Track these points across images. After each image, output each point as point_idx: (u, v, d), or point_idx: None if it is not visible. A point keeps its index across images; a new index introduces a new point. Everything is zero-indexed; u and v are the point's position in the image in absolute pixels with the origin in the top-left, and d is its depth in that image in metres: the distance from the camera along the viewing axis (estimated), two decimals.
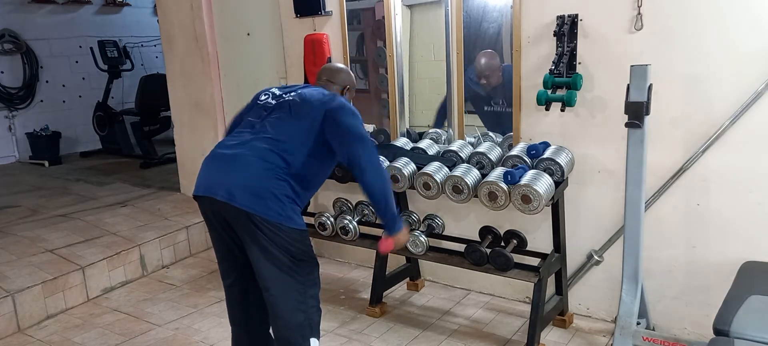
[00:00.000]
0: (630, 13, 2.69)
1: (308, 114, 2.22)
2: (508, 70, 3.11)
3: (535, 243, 3.10)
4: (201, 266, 4.18)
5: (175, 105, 5.04)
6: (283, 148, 2.16)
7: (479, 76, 3.28)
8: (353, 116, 2.23)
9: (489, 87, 3.30)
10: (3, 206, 5.00)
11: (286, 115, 2.24)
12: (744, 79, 2.50)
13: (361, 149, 2.16)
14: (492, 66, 3.26)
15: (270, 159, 2.13)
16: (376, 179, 2.18)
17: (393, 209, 2.24)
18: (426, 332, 3.11)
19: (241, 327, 2.41)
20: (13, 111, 7.14)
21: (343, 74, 2.52)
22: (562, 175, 2.77)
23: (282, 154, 2.15)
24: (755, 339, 1.92)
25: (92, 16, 7.88)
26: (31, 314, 3.38)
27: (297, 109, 2.24)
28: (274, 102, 2.32)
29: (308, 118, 2.21)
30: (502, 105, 3.24)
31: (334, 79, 2.48)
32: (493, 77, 3.27)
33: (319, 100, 2.26)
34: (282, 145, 2.17)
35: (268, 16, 4.18)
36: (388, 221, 2.24)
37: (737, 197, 2.62)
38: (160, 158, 6.62)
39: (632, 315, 2.54)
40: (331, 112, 2.21)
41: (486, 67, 3.26)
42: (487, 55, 3.26)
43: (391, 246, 2.29)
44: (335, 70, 2.54)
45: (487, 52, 3.25)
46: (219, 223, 2.22)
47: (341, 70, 2.54)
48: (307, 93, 2.30)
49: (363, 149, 2.17)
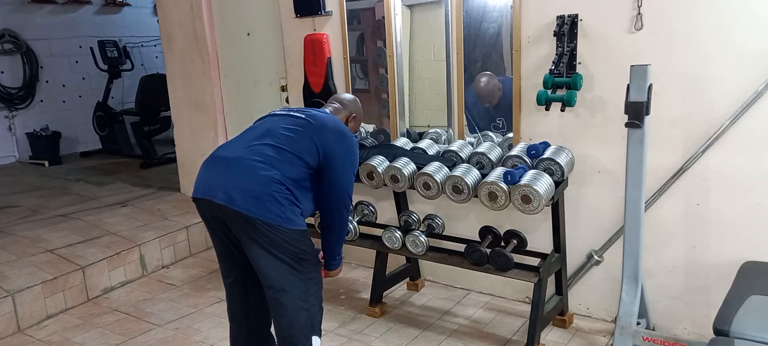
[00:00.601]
0: (630, 13, 2.69)
1: (317, 136, 2.24)
2: (508, 87, 3.12)
3: (535, 243, 3.10)
4: (201, 266, 4.18)
5: (175, 105, 5.04)
6: (286, 157, 2.17)
7: (479, 97, 3.30)
8: (352, 167, 2.33)
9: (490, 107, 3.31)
10: (3, 206, 5.00)
11: (294, 128, 2.25)
12: (744, 79, 2.50)
13: (341, 206, 2.30)
14: (491, 86, 3.28)
15: (270, 163, 2.13)
16: (337, 234, 2.39)
17: (338, 253, 2.44)
18: (426, 332, 3.11)
19: (241, 325, 2.41)
20: (13, 111, 7.14)
21: (352, 104, 2.60)
22: (562, 175, 2.77)
23: (284, 162, 2.15)
24: (755, 339, 1.92)
25: (92, 16, 7.88)
26: (31, 314, 3.38)
27: (307, 127, 2.27)
28: (284, 113, 2.37)
29: (316, 140, 2.23)
30: (504, 127, 3.26)
31: (342, 105, 2.57)
32: (493, 98, 3.29)
33: (332, 128, 2.31)
34: (285, 155, 2.17)
35: (268, 16, 4.18)
36: (329, 260, 2.43)
37: (737, 197, 2.62)
38: (160, 158, 6.62)
39: (632, 315, 2.54)
40: (337, 153, 2.26)
41: (485, 88, 3.28)
42: (486, 75, 3.28)
43: (324, 276, 2.44)
44: (344, 98, 2.63)
45: (486, 74, 3.27)
46: (218, 225, 2.22)
47: (351, 100, 2.63)
48: (319, 116, 2.35)
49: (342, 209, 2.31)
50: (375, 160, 3.19)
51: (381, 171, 3.14)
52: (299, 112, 2.37)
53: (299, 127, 2.26)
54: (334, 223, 2.33)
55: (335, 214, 2.31)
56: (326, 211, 2.31)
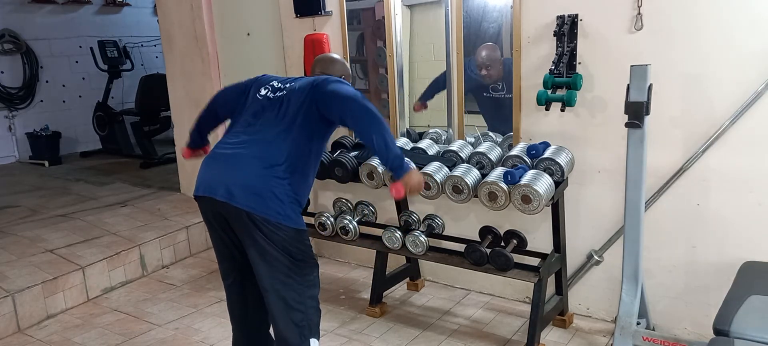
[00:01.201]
0: (630, 13, 2.69)
1: (298, 100, 2.22)
2: (509, 64, 3.11)
3: (535, 243, 3.10)
4: (201, 266, 4.18)
5: (175, 105, 5.04)
6: (279, 144, 2.16)
7: (480, 67, 3.27)
8: (339, 82, 2.23)
9: (490, 79, 3.28)
10: (3, 206, 5.00)
11: (283, 111, 2.24)
12: (744, 78, 2.50)
13: (351, 103, 2.13)
14: (493, 58, 3.26)
15: (269, 158, 2.13)
16: (371, 125, 2.11)
17: (396, 152, 2.13)
18: (426, 332, 3.11)
19: (241, 327, 2.42)
20: (13, 111, 7.14)
21: (338, 65, 2.53)
22: (562, 175, 2.77)
23: (279, 150, 2.15)
24: (755, 339, 1.92)
25: (92, 16, 7.88)
26: (31, 314, 3.38)
27: (289, 102, 2.24)
28: (272, 96, 2.31)
29: (299, 103, 2.21)
30: (503, 89, 3.22)
31: (328, 69, 2.49)
32: (494, 69, 3.26)
33: (309, 82, 2.27)
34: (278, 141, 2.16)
35: (268, 16, 4.18)
36: (393, 164, 2.14)
37: (737, 197, 2.62)
38: (160, 158, 6.61)
39: (632, 315, 2.54)
40: (318, 87, 2.21)
41: (487, 59, 3.25)
42: (488, 47, 3.25)
43: (402, 191, 2.16)
44: (329, 60, 2.55)
45: (488, 45, 3.25)
46: (219, 223, 2.22)
47: (336, 61, 2.55)
48: (299, 82, 2.31)
49: (354, 102, 2.14)
50: (375, 160, 3.19)
51: (381, 171, 3.14)
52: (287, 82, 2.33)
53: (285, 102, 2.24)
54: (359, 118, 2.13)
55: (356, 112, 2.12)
56: (349, 121, 2.18)
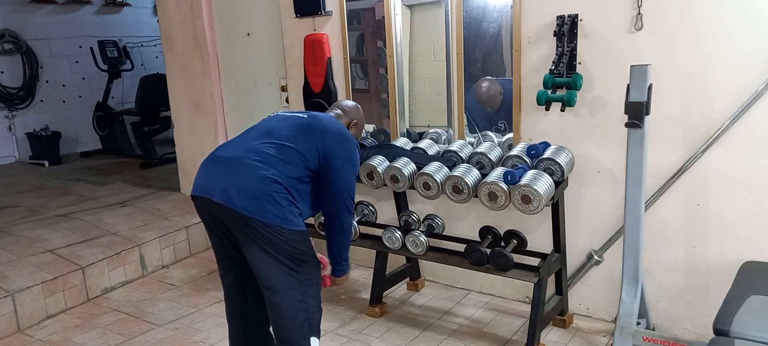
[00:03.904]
0: (630, 13, 2.69)
1: (318, 137, 2.24)
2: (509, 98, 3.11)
3: (535, 243, 3.10)
4: (201, 266, 4.18)
5: (175, 105, 5.04)
6: (286, 156, 2.16)
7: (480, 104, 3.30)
8: (352, 169, 2.31)
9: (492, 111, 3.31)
10: (3, 206, 5.00)
11: (295, 128, 2.26)
12: (744, 78, 2.50)
13: (339, 196, 2.26)
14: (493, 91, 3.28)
15: (269, 163, 2.13)
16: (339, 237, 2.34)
17: (345, 256, 2.38)
18: (426, 332, 3.11)
19: (240, 326, 2.41)
20: (13, 111, 7.14)
21: (354, 110, 2.60)
22: (562, 175, 2.77)
23: (283, 161, 2.15)
24: (755, 339, 1.92)
25: (92, 16, 7.88)
26: (31, 314, 3.38)
27: (309, 127, 2.27)
28: (286, 115, 2.37)
29: (317, 141, 2.23)
30: (505, 129, 3.26)
31: (343, 111, 2.57)
32: (495, 103, 3.29)
33: (334, 130, 2.31)
34: (285, 153, 2.17)
35: (268, 16, 4.18)
36: (338, 266, 2.38)
37: (737, 197, 2.62)
38: (160, 158, 6.62)
39: (632, 315, 2.54)
40: (337, 155, 2.25)
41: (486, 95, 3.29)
42: (487, 81, 3.28)
43: (329, 283, 2.42)
44: (346, 105, 2.63)
45: (487, 79, 3.28)
46: (216, 224, 2.22)
47: (352, 107, 2.63)
48: (321, 117, 2.36)
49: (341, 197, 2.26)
50: (375, 160, 3.19)
51: (381, 171, 3.14)
52: (302, 113, 2.38)
53: (301, 127, 2.27)
54: (335, 225, 2.30)
55: (336, 216, 2.28)
56: (328, 213, 2.30)
